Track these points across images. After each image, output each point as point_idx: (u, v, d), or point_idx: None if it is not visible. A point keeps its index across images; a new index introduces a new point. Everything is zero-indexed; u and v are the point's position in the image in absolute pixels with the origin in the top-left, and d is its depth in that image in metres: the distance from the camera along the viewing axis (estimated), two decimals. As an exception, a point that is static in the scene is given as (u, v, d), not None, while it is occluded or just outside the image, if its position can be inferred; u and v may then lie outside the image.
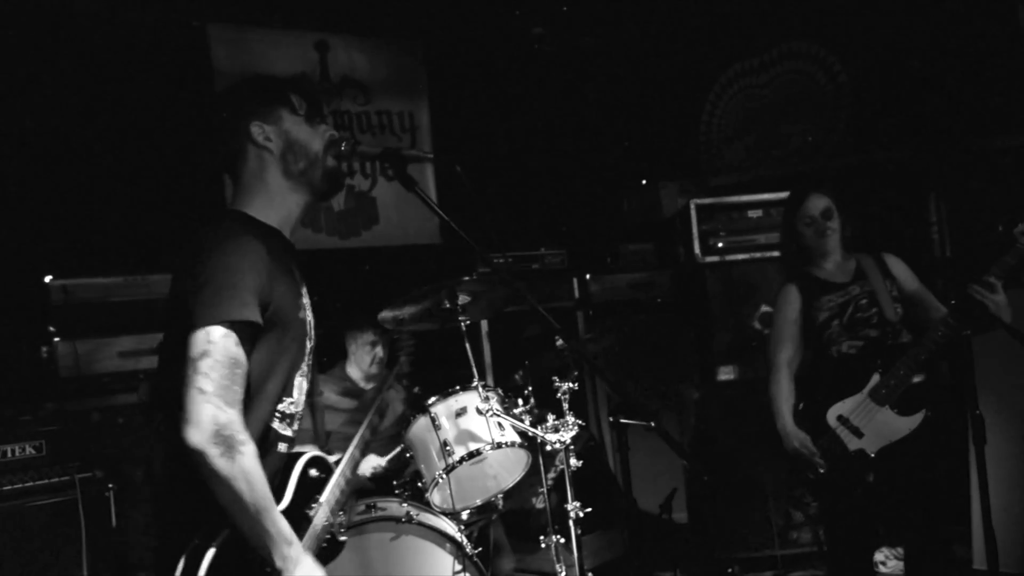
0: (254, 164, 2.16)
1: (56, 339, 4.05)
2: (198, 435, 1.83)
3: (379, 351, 4.29)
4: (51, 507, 3.55)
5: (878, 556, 4.69)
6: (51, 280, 4.10)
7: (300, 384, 2.16)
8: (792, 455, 3.52)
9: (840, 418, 3.45)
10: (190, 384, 1.86)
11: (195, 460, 1.85)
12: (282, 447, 2.14)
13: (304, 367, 2.18)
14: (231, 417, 1.87)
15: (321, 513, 2.16)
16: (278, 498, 2.05)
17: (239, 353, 1.91)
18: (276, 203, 2.17)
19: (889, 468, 3.40)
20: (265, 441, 2.05)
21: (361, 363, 4.29)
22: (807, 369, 3.66)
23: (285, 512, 2.03)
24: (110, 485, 3.70)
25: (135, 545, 3.81)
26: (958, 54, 5.24)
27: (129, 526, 3.81)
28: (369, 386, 4.39)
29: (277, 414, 2.09)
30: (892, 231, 5.22)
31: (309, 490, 2.15)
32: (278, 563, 1.91)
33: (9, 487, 3.50)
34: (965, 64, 5.22)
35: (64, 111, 4.71)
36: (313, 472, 2.17)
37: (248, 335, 1.94)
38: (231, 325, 1.90)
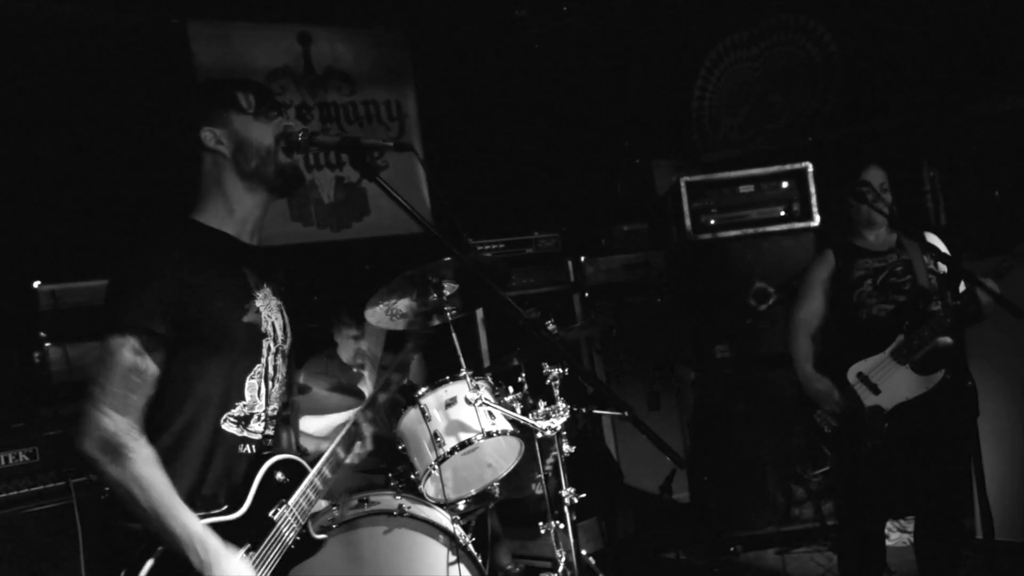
0: (209, 169, 2.17)
1: (47, 344, 4.04)
2: (86, 443, 1.91)
3: (362, 345, 4.27)
4: (47, 513, 3.52)
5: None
6: (39, 285, 4.09)
7: (256, 387, 2.15)
8: (813, 399, 3.58)
9: (860, 375, 3.51)
10: (86, 394, 1.93)
11: (90, 468, 1.92)
12: (245, 449, 2.14)
13: (263, 370, 2.17)
14: (119, 425, 1.92)
15: (288, 515, 2.15)
16: (239, 501, 2.07)
17: (138, 361, 1.95)
18: (234, 206, 2.18)
19: (904, 426, 3.43)
20: (216, 444, 2.08)
21: (345, 356, 4.27)
22: (834, 330, 3.70)
23: (245, 515, 2.05)
24: (106, 489, 3.68)
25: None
26: (948, 20, 5.17)
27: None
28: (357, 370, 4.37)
29: (231, 418, 2.10)
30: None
31: (275, 493, 2.14)
32: (194, 563, 1.91)
33: (4, 495, 3.47)
34: (955, 30, 5.14)
35: (47, 114, 4.67)
36: (279, 476, 2.16)
37: (155, 343, 1.97)
38: (129, 333, 1.94)
